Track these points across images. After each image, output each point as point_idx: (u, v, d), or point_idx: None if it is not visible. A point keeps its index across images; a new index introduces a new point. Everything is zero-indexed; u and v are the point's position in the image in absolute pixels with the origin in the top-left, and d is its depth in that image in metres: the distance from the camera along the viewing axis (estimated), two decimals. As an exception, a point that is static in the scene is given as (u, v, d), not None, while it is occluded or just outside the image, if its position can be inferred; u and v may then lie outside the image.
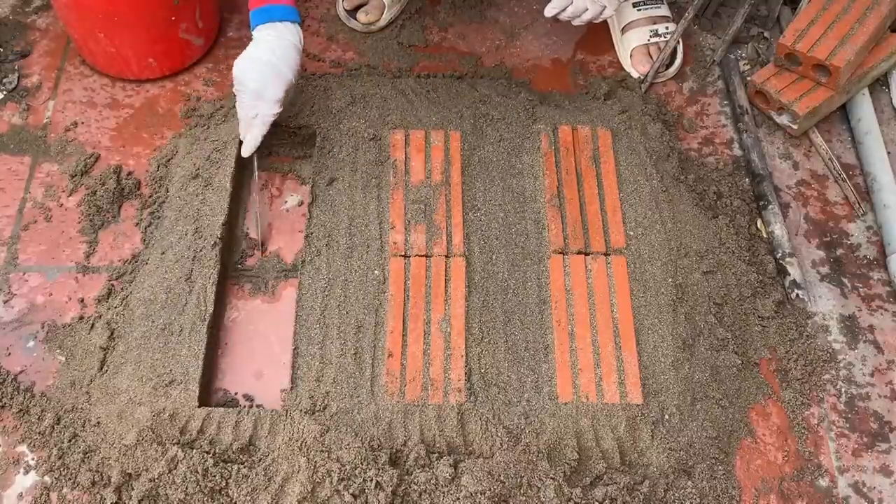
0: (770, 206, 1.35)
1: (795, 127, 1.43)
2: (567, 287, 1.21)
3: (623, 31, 1.52)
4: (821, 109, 1.43)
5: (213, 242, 1.21)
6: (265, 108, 1.17)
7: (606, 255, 1.24)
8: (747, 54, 1.57)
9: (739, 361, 1.20)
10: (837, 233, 1.36)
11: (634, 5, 1.52)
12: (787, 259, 1.30)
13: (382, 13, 1.53)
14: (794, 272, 1.29)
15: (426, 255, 1.22)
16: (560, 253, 1.24)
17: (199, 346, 1.13)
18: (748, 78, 1.50)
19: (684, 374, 1.15)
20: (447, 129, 1.35)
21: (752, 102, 1.49)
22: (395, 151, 1.32)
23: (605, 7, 1.35)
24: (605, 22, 1.41)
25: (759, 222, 1.35)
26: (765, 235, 1.34)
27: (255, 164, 1.27)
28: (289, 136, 1.36)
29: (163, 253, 1.23)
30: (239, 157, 1.32)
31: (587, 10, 1.34)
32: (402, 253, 1.22)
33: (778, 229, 1.33)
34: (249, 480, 1.02)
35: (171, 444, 1.04)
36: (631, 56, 1.50)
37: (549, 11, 1.35)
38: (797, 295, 1.27)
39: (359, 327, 1.16)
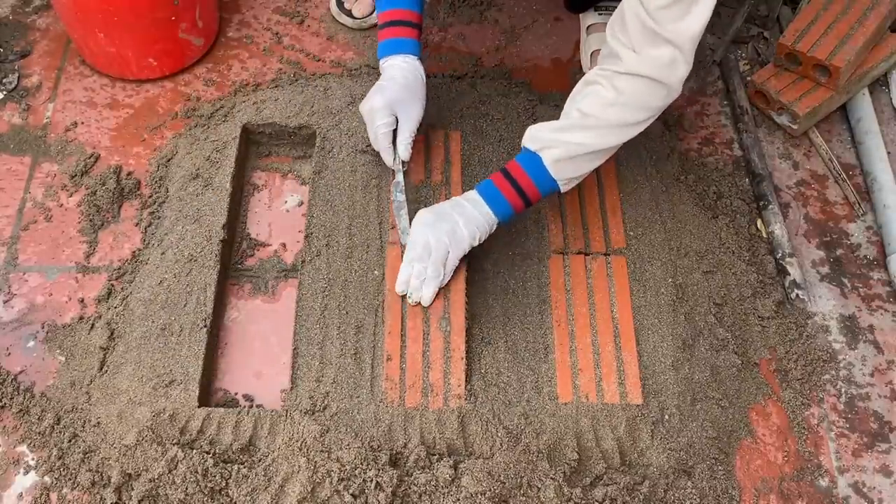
0: (770, 206, 1.35)
1: (795, 127, 1.43)
2: (567, 287, 1.21)
3: (588, 31, 1.51)
4: (821, 109, 1.43)
5: (213, 242, 1.21)
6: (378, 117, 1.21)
7: (606, 255, 1.24)
8: (747, 54, 1.57)
9: (739, 361, 1.19)
10: (837, 233, 1.36)
11: (596, 9, 1.49)
12: (787, 259, 1.30)
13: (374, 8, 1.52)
14: (794, 272, 1.29)
15: (426, 255, 1.22)
16: (560, 253, 1.24)
17: (199, 346, 1.13)
18: (748, 78, 1.50)
19: (684, 374, 1.15)
20: (447, 129, 1.35)
21: (752, 102, 1.49)
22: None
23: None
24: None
25: (759, 222, 1.35)
26: (765, 235, 1.33)
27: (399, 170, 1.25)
28: (289, 136, 1.37)
29: (163, 253, 1.23)
30: (239, 157, 1.32)
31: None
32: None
33: (778, 229, 1.33)
34: (249, 481, 1.02)
35: (171, 444, 1.04)
36: (591, 56, 1.48)
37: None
38: (797, 295, 1.27)
39: (358, 327, 1.16)
